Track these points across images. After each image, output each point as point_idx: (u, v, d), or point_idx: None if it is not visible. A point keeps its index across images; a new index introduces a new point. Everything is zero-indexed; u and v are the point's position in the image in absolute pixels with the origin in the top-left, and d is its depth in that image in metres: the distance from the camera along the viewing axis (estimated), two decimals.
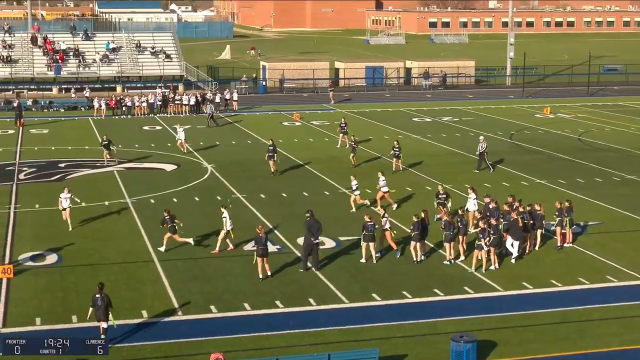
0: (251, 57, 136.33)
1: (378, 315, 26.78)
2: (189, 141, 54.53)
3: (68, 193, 36.38)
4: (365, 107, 78.14)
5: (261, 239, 29.87)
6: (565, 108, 77.36)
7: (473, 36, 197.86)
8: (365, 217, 31.98)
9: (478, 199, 36.25)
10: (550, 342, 24.65)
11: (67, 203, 36.13)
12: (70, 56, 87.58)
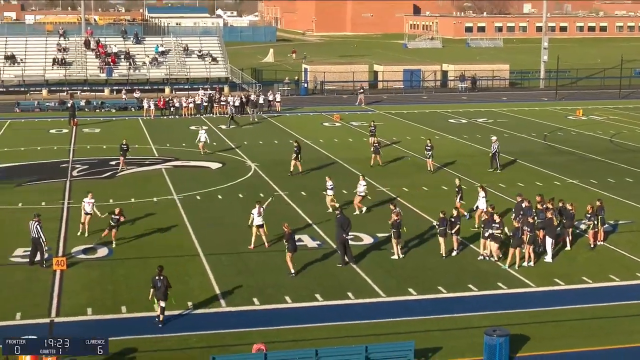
0: (293, 60, 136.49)
1: (414, 309, 26.72)
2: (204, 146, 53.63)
3: (92, 198, 35.14)
4: (403, 108, 77.96)
5: (290, 236, 29.96)
6: (597, 110, 76.63)
7: (508, 40, 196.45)
8: (393, 215, 31.89)
9: (487, 197, 36.06)
10: (580, 337, 24.46)
11: (90, 208, 34.78)
12: (121, 59, 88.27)
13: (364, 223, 35.63)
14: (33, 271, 30.06)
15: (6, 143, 57.66)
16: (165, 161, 51.08)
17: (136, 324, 25.25)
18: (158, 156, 53.03)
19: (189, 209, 39.09)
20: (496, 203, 36.37)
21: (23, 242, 33.48)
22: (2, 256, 31.89)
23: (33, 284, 28.77)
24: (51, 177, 46.51)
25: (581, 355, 23.27)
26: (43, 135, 61.86)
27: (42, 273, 29.83)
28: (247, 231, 34.45)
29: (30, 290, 28.17)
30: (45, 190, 43.13)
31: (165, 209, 39.39)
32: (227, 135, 61.30)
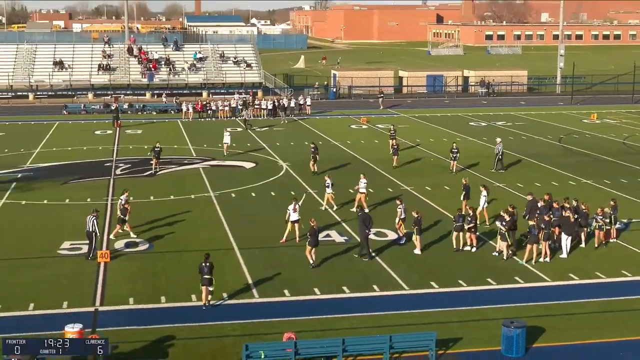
0: (323, 66, 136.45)
1: (436, 301, 26.66)
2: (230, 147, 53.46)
3: (128, 197, 35.12)
4: (426, 112, 77.73)
5: (314, 231, 30.01)
6: (611, 114, 75.99)
7: (526, 48, 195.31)
8: (413, 213, 31.80)
9: (488, 197, 35.82)
10: (594, 329, 24.29)
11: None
12: (161, 65, 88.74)
13: (387, 219, 35.54)
14: (79, 263, 30.30)
15: (54, 143, 58.15)
16: (202, 161, 51.27)
17: (174, 313, 25.37)
18: (196, 156, 53.22)
19: (224, 206, 39.21)
20: (515, 202, 36.19)
21: (70, 236, 33.81)
22: (50, 249, 32.16)
23: (79, 275, 28.99)
24: (96, 175, 46.84)
25: (593, 347, 23.10)
26: (88, 136, 62.29)
27: (88, 265, 30.06)
28: (279, 227, 34.55)
29: (76, 281, 28.39)
30: (90, 188, 43.43)
31: (202, 205, 39.54)
32: (260, 136, 61.42)
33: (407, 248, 32.19)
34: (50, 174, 47.43)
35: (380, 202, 39.56)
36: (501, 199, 39.55)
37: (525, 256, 30.63)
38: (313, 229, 30.07)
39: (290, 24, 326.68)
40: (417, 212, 31.79)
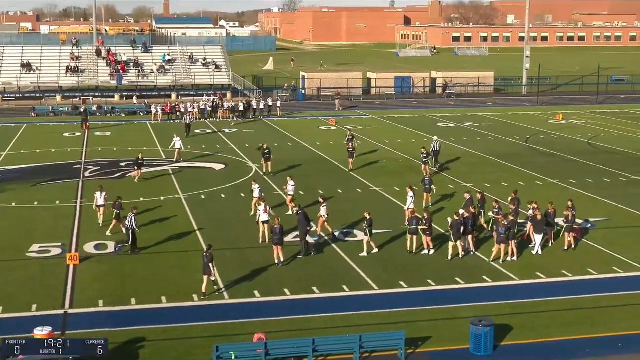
0: (292, 67, 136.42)
1: (405, 300, 26.72)
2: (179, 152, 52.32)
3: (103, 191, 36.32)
4: (395, 113, 77.96)
5: (276, 230, 29.96)
6: (576, 115, 76.66)
7: (492, 49, 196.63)
8: (365, 214, 31.71)
9: (414, 198, 35.91)
10: (561, 327, 24.47)
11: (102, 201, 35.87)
12: (130, 67, 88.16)
13: (358, 220, 35.57)
14: (48, 266, 30.03)
15: (23, 146, 57.59)
16: (171, 162, 51.00)
17: (145, 315, 25.22)
18: (165, 158, 52.96)
19: (194, 208, 39.05)
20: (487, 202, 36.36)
21: (39, 238, 33.51)
22: (19, 251, 31.84)
23: (48, 278, 28.72)
24: (65, 177, 46.45)
25: (560, 344, 23.26)
26: (57, 138, 61.78)
27: (57, 268, 29.78)
28: (249, 228, 34.53)
29: (45, 283, 28.13)
30: (60, 190, 43.06)
31: (172, 207, 39.35)
32: (230, 138, 61.26)
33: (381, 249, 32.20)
34: (18, 176, 46.95)
35: (349, 203, 39.54)
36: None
37: (493, 255, 30.82)
38: (275, 229, 30.03)
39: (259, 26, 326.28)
40: (369, 213, 31.74)
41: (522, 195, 36.24)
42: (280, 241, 30.12)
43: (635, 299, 26.84)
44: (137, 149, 54.69)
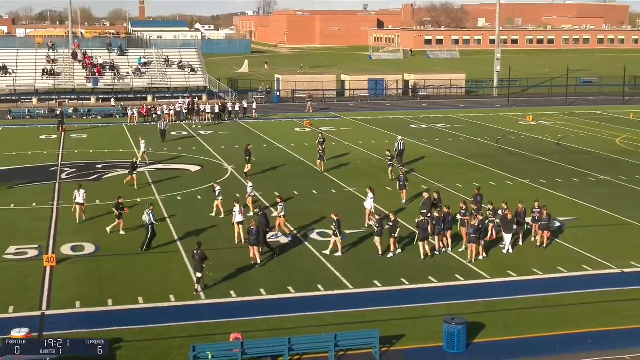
0: (266, 70, 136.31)
1: (379, 299, 26.78)
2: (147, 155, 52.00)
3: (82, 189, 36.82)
4: (368, 115, 78.11)
5: (252, 231, 29.92)
6: (545, 116, 77.19)
7: (464, 52, 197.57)
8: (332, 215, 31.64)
9: (374, 199, 36.02)
10: (531, 324, 24.61)
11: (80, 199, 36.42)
12: (106, 70, 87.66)
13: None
14: (25, 268, 29.81)
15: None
16: (148, 164, 50.78)
17: (122, 316, 25.09)
18: (141, 160, 52.63)
19: (171, 209, 38.90)
20: (452, 203, 36.52)
21: (16, 240, 33.23)
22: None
23: (25, 279, 28.49)
24: (41, 179, 46.12)
25: (531, 341, 23.40)
26: (33, 140, 61.31)
27: (34, 269, 29.56)
28: (225, 229, 34.43)
29: (22, 285, 27.90)
30: (36, 192, 42.74)
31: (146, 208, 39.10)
32: (206, 139, 61.11)
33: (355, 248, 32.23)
34: None
35: (324, 204, 39.54)
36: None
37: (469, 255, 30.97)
38: (251, 229, 29.99)
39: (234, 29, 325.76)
40: (335, 214, 31.68)
41: (493, 195, 36.47)
42: (257, 242, 30.10)
43: (604, 297, 27.06)
44: (114, 151, 54.51)
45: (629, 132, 66.21)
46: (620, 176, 47.24)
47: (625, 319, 25.03)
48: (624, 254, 31.67)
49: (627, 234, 34.86)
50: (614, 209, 38.98)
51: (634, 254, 31.79)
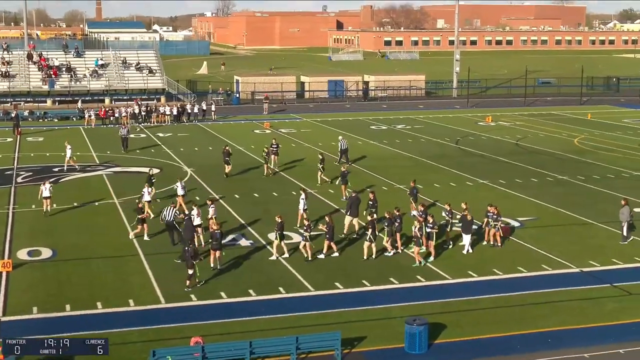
0: (224, 72, 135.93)
1: (340, 301, 26.80)
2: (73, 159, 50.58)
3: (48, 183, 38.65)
4: (328, 116, 78.25)
5: (215, 234, 29.82)
6: (504, 116, 77.92)
7: (423, 53, 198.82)
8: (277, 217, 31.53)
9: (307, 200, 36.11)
10: (492, 324, 24.80)
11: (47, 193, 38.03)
12: (63, 71, 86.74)
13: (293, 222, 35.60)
14: None
15: None
16: (105, 167, 50.37)
17: (80, 321, 24.83)
18: (99, 163, 52.27)
19: (129, 212, 38.52)
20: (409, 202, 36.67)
21: None
22: None
23: None
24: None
25: (492, 341, 23.58)
26: None
27: None
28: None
29: None
30: None
31: (106, 212, 38.85)
32: (164, 142, 60.75)
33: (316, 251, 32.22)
34: None
35: (284, 205, 39.48)
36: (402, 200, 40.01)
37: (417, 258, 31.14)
38: (214, 233, 29.88)
39: (193, 31, 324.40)
40: (279, 216, 31.59)
41: (453, 196, 36.65)
42: (219, 246, 29.92)
43: (563, 296, 27.36)
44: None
45: (587, 132, 67.09)
46: (579, 176, 47.83)
47: (585, 318, 25.34)
48: (582, 254, 32.05)
49: (586, 234, 35.29)
50: (573, 209, 39.44)
51: (593, 253, 32.19)
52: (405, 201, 37.91)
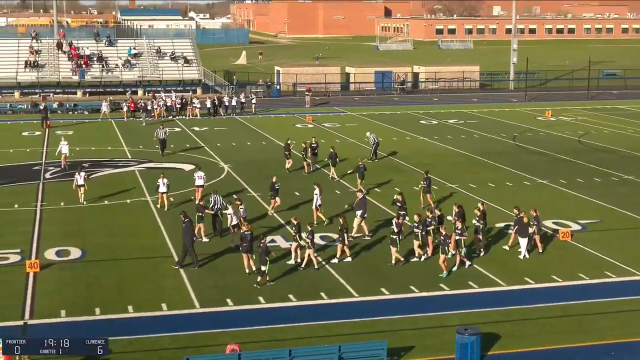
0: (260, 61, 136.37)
1: (386, 308, 26.76)
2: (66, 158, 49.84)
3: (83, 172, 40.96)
4: (375, 110, 78.12)
5: (246, 236, 29.87)
6: (565, 111, 77.17)
7: (478, 42, 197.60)
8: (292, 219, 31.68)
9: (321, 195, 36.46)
10: (551, 334, 24.58)
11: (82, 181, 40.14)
12: (94, 61, 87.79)
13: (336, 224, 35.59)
14: (6, 274, 29.82)
15: None
16: (138, 163, 50.82)
17: (110, 326, 25.07)
18: (131, 158, 52.74)
19: (162, 211, 38.86)
20: (466, 204, 36.48)
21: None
22: None
23: (6, 287, 28.49)
24: (24, 179, 46.14)
25: (551, 353, 23.38)
26: (15, 137, 61.39)
27: (16, 275, 29.57)
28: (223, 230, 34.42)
29: (3, 293, 27.89)
30: (18, 193, 42.76)
31: (139, 210, 39.19)
32: (200, 136, 61.11)
33: (361, 254, 32.21)
34: None
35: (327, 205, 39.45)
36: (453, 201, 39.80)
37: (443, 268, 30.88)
38: (244, 235, 29.95)
39: (231, 18, 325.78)
40: (295, 218, 31.56)
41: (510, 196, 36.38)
42: (249, 248, 29.83)
43: (628, 305, 27.03)
44: (101, 149, 54.55)
45: None
46: None
47: None
48: None
49: None
50: (639, 211, 38.94)
51: None
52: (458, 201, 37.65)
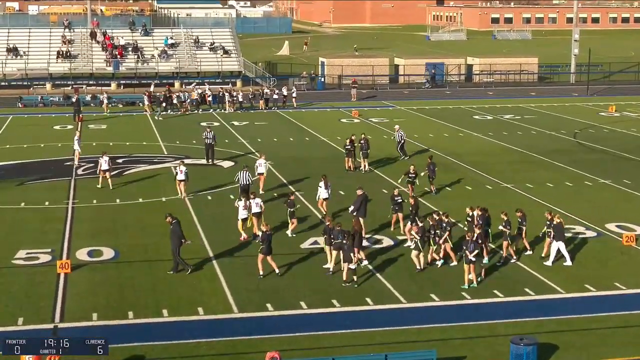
0: (305, 52, 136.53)
1: (436, 315, 26.68)
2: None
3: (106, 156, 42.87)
4: (425, 104, 77.86)
5: (265, 236, 29.85)
6: (631, 106, 76.30)
7: (536, 32, 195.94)
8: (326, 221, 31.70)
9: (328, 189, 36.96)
10: (614, 346, 24.33)
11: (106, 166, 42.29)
12: (129, 51, 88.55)
13: (386, 224, 35.56)
14: (36, 274, 30.17)
15: (8, 140, 57.87)
16: (174, 159, 51.11)
17: (143, 330, 25.30)
18: (167, 154, 53.09)
19: (199, 209, 39.10)
20: (523, 205, 36.24)
21: (26, 243, 33.64)
22: (4, 258, 31.95)
23: (36, 288, 28.84)
24: (55, 175, 46.66)
25: None
26: (47, 131, 62.10)
27: (46, 276, 29.91)
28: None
29: (33, 294, 28.24)
30: (49, 189, 43.25)
31: (174, 209, 39.33)
32: (241, 132, 61.33)
33: (405, 256, 32.12)
34: (3, 174, 47.21)
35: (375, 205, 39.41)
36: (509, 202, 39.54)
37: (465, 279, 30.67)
38: (265, 235, 29.95)
39: (273, 6, 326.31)
40: (328, 219, 31.56)
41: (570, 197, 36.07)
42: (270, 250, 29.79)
43: None
44: (136, 144, 54.99)
45: None
46: None
47: None
48: None
49: None
50: None
51: None
52: (515, 203, 37.39)
